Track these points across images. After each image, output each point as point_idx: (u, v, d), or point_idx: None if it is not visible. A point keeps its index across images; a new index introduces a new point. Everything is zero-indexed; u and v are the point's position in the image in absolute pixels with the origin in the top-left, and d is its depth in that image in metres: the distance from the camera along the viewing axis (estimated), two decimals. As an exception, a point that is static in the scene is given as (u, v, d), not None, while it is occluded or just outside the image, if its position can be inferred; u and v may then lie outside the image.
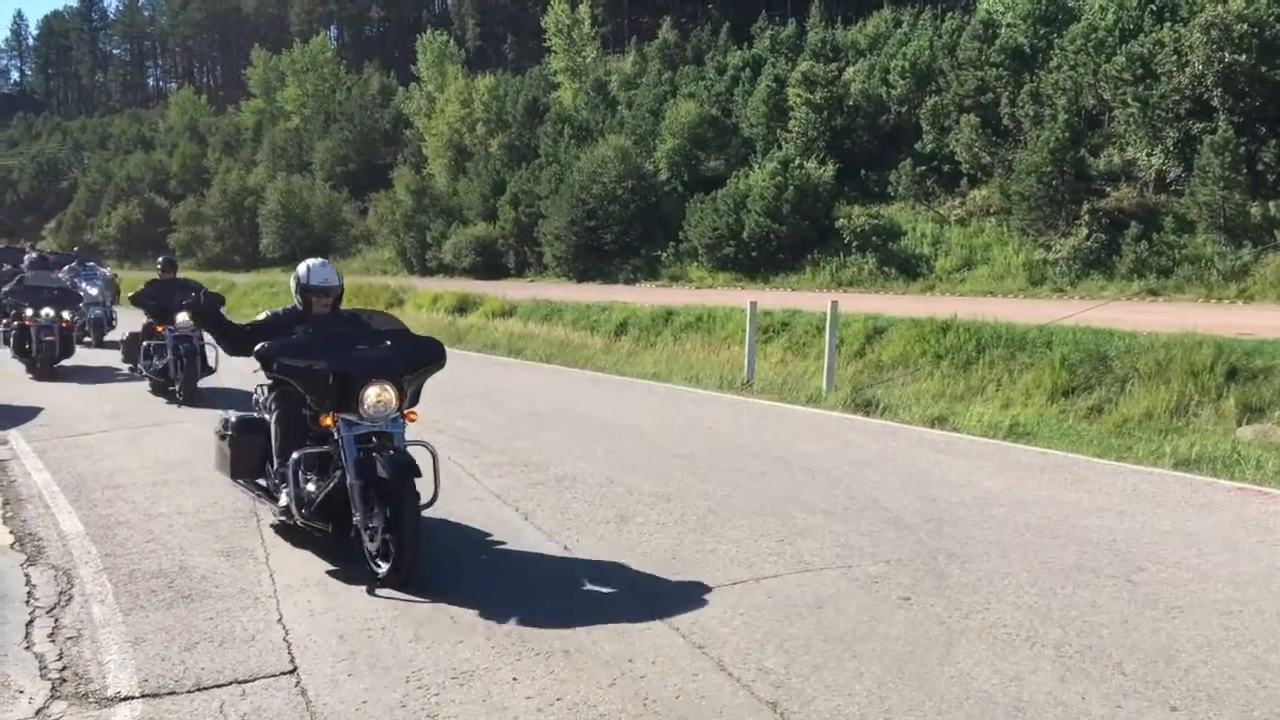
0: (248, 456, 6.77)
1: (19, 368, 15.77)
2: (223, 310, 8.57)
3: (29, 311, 15.31)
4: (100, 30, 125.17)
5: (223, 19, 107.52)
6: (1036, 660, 4.64)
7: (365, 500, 5.67)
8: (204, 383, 12.94)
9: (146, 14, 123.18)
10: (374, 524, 5.62)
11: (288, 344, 6.03)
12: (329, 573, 5.95)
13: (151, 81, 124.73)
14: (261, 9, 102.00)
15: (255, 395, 6.97)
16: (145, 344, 13.35)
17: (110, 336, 20.98)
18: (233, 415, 6.95)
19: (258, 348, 5.95)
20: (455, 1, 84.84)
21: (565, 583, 5.81)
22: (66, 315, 15.77)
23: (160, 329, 12.96)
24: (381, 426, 5.85)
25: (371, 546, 5.67)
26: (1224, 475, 8.46)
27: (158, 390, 13.21)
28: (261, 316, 6.81)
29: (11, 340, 15.90)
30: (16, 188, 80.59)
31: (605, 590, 5.71)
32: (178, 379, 12.53)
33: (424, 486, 5.78)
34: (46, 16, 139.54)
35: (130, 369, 14.21)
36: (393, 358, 6.07)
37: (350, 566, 6.05)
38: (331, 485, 5.83)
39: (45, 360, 15.26)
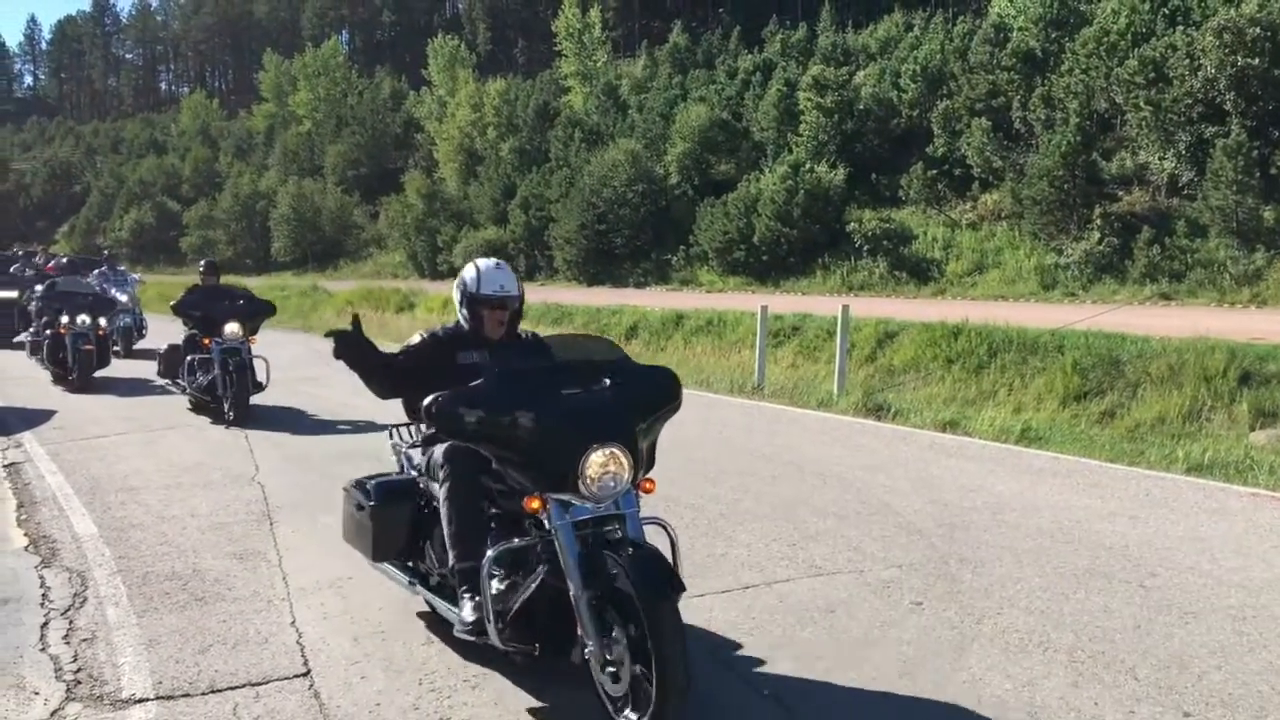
0: (395, 533, 5.02)
1: (41, 373, 15.36)
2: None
3: (64, 319, 14.21)
4: (113, 35, 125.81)
5: (235, 23, 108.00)
6: (1049, 665, 4.63)
7: (598, 620, 3.95)
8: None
9: (159, 18, 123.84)
10: (614, 655, 3.91)
11: (470, 395, 4.12)
12: (342, 576, 5.97)
13: (164, 86, 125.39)
14: (273, 13, 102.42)
15: (396, 444, 5.45)
16: (190, 358, 11.80)
17: (140, 345, 20.25)
18: (370, 481, 5.14)
19: (428, 403, 4.06)
20: (466, 6, 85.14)
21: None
22: (103, 322, 14.79)
23: (206, 341, 11.54)
24: (610, 508, 4.11)
25: (614, 689, 3.96)
26: (1237, 481, 8.43)
27: (200, 408, 11.92)
28: (415, 340, 5.05)
29: (45, 349, 14.83)
30: (29, 191, 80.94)
31: (617, 594, 5.70)
32: (226, 397, 11.23)
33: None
34: (60, 21, 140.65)
35: (169, 384, 12.73)
36: (620, 406, 4.23)
37: (364, 570, 6.06)
38: (531, 589, 4.13)
39: (83, 370, 14.19)
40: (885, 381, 14.00)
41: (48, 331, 14.71)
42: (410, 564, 5.12)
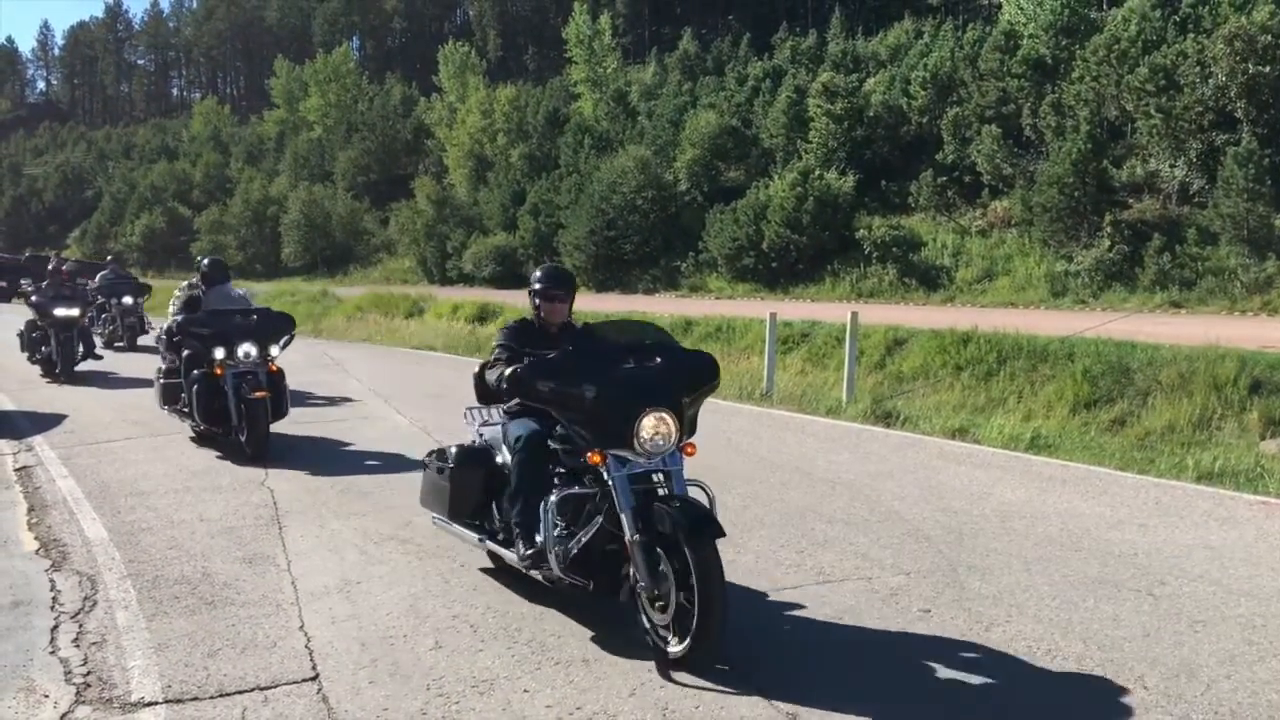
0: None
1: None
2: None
3: (218, 352, 9.70)
4: (125, 41, 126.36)
5: (246, 29, 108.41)
6: (1058, 673, 4.62)
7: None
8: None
9: (171, 25, 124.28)
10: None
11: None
12: (351, 580, 5.98)
13: (175, 91, 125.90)
14: (285, 20, 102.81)
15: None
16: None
17: (145, 341, 20.55)
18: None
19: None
20: (477, 13, 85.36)
21: (584, 593, 5.82)
22: (275, 352, 10.13)
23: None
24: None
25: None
26: (1247, 489, 8.40)
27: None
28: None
29: (194, 399, 9.90)
30: (42, 196, 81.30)
31: (625, 600, 5.71)
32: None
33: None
34: (72, 27, 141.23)
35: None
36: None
37: (372, 575, 6.08)
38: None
39: (255, 432, 9.50)
40: (894, 388, 13.98)
41: (195, 371, 9.91)
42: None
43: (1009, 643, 4.98)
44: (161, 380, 10.64)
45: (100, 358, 16.86)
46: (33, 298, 16.64)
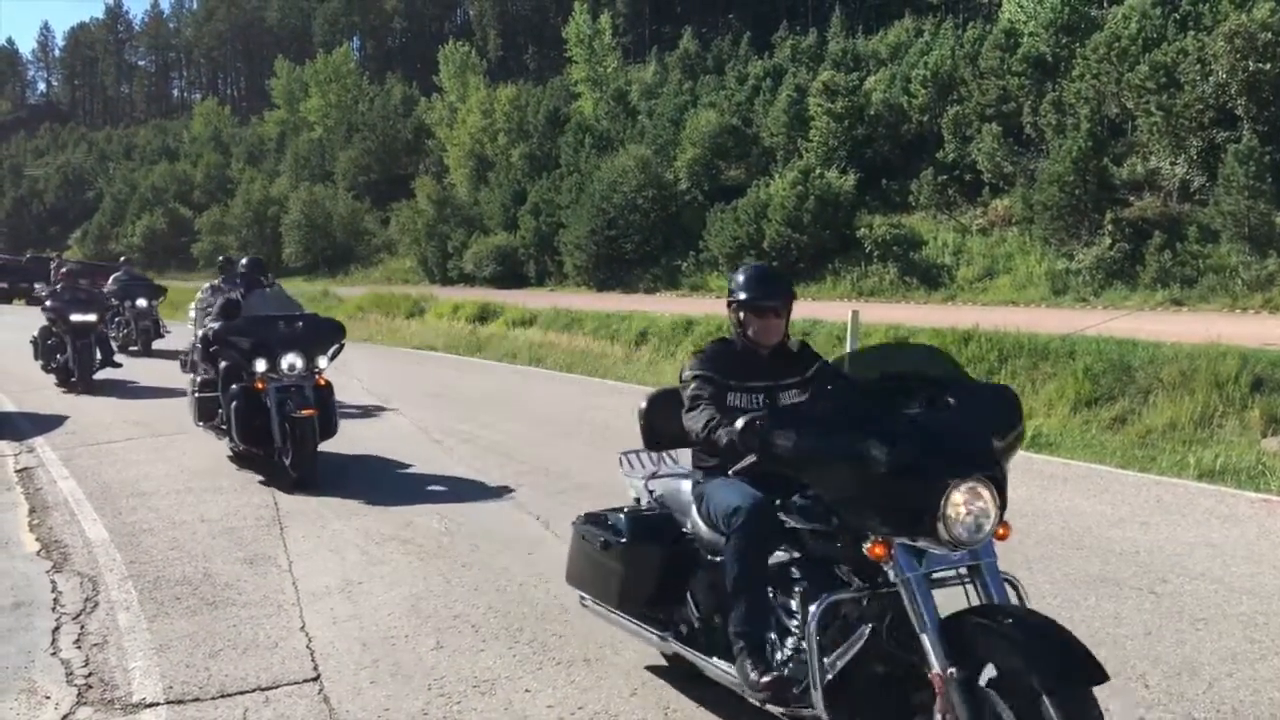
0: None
1: (48, 375, 15.41)
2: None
3: (259, 364, 8.67)
4: (126, 42, 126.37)
5: (246, 30, 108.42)
6: (1059, 672, 4.62)
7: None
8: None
9: (171, 25, 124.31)
10: None
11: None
12: (352, 581, 5.98)
13: (176, 92, 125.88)
14: (285, 20, 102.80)
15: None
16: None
17: (159, 345, 20.23)
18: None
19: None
20: (477, 12, 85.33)
21: None
22: (322, 364, 9.04)
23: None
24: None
25: None
26: (1249, 487, 8.40)
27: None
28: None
29: (232, 415, 8.77)
30: (43, 198, 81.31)
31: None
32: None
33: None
34: (73, 28, 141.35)
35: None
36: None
37: (373, 575, 6.08)
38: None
39: (301, 452, 8.42)
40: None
41: (234, 386, 8.82)
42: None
43: (1010, 641, 4.97)
44: (197, 394, 9.64)
45: (119, 365, 15.88)
46: (47, 302, 15.60)
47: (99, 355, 15.18)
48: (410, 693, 4.46)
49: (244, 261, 10.81)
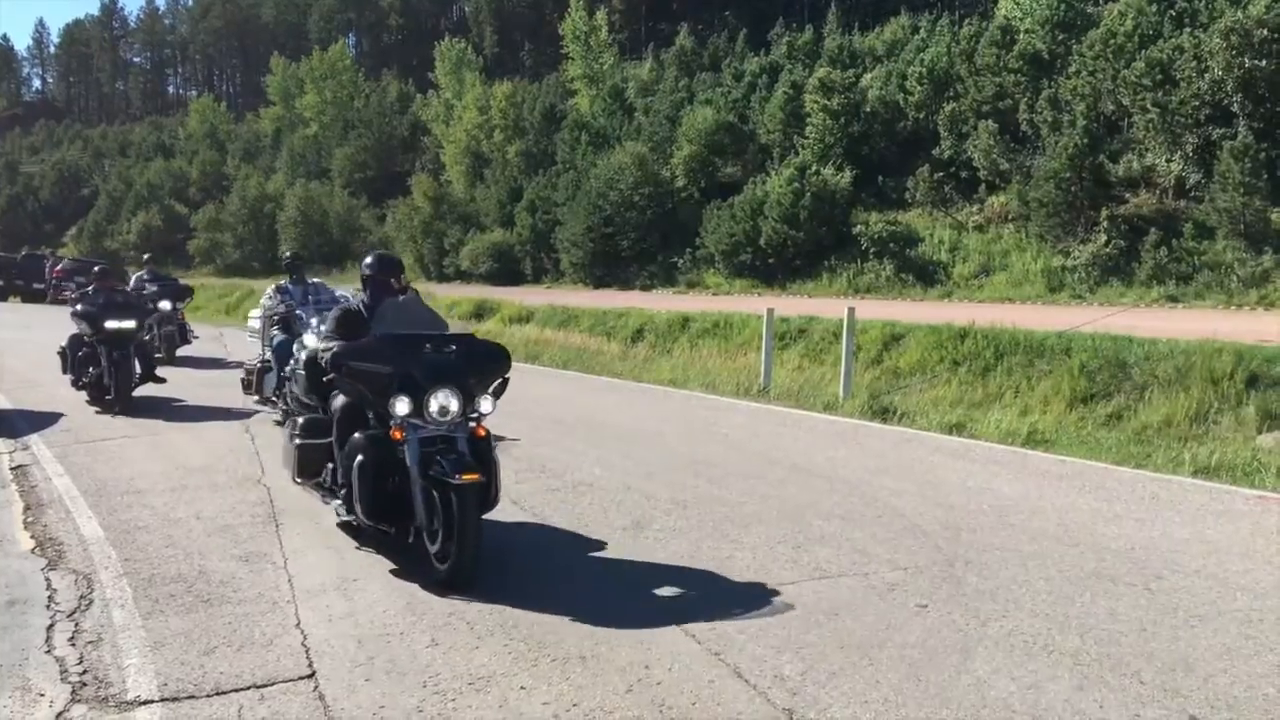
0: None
1: (47, 375, 14.93)
2: None
3: (401, 406, 6.02)
4: (121, 38, 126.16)
5: (242, 27, 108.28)
6: (1054, 668, 4.62)
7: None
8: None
9: (167, 22, 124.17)
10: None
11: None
12: (347, 578, 5.98)
13: (171, 89, 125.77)
14: (281, 17, 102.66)
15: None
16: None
17: (183, 351, 18.43)
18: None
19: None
20: (473, 9, 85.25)
21: (581, 589, 5.82)
22: (485, 408, 6.26)
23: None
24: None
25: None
26: (1244, 483, 8.41)
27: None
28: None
29: (357, 476, 6.11)
30: (38, 195, 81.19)
31: (621, 597, 5.72)
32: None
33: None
34: (68, 25, 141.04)
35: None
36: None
37: (369, 572, 6.07)
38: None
39: (465, 540, 5.70)
40: (891, 384, 13.98)
41: (357, 434, 6.26)
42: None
43: (1005, 637, 4.98)
44: (298, 439, 6.89)
45: (162, 380, 13.43)
46: (78, 306, 13.17)
47: (139, 368, 12.95)
48: (405, 690, 4.45)
49: (369, 260, 7.45)
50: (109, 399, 12.44)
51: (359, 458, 6.04)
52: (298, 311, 11.19)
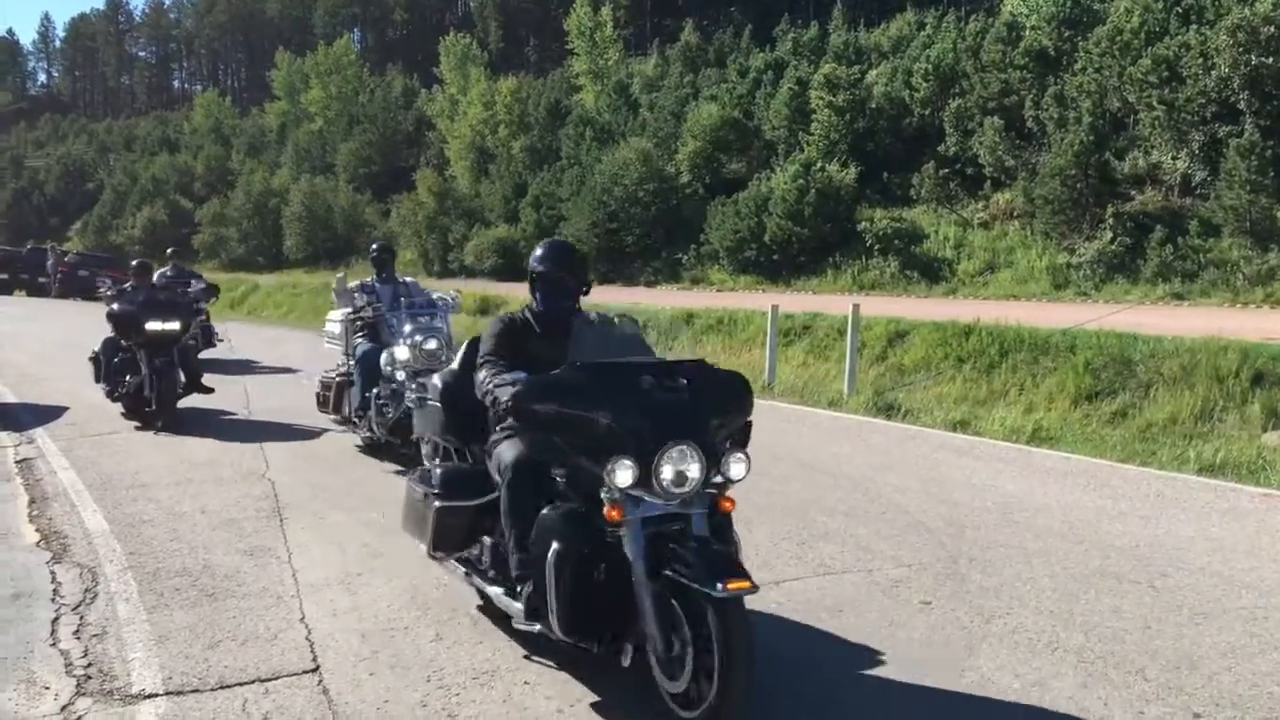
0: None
1: (51, 369, 15.28)
2: None
3: (623, 474, 4.02)
4: (126, 33, 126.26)
5: (247, 21, 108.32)
6: (1058, 666, 4.62)
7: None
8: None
9: (172, 16, 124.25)
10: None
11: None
12: (351, 572, 5.98)
13: (177, 84, 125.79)
14: (286, 12, 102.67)
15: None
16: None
17: (206, 354, 15.98)
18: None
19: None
20: (478, 4, 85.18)
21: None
22: (736, 473, 4.32)
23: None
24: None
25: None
26: (1249, 481, 8.40)
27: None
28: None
29: (552, 578, 4.18)
30: (43, 189, 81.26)
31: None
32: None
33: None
34: (73, 19, 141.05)
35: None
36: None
37: (373, 567, 6.08)
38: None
39: (729, 688, 3.85)
40: (896, 381, 13.97)
41: (549, 509, 4.39)
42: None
43: (1010, 634, 4.98)
44: (438, 500, 5.00)
45: (209, 390, 11.85)
46: (114, 306, 11.45)
47: (182, 377, 11.37)
48: (409, 684, 4.46)
49: (540, 251, 5.30)
50: (149, 411, 10.94)
51: (555, 545, 4.18)
52: (386, 316, 9.42)
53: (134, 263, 12.72)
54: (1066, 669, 4.58)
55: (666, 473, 4.02)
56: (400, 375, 8.90)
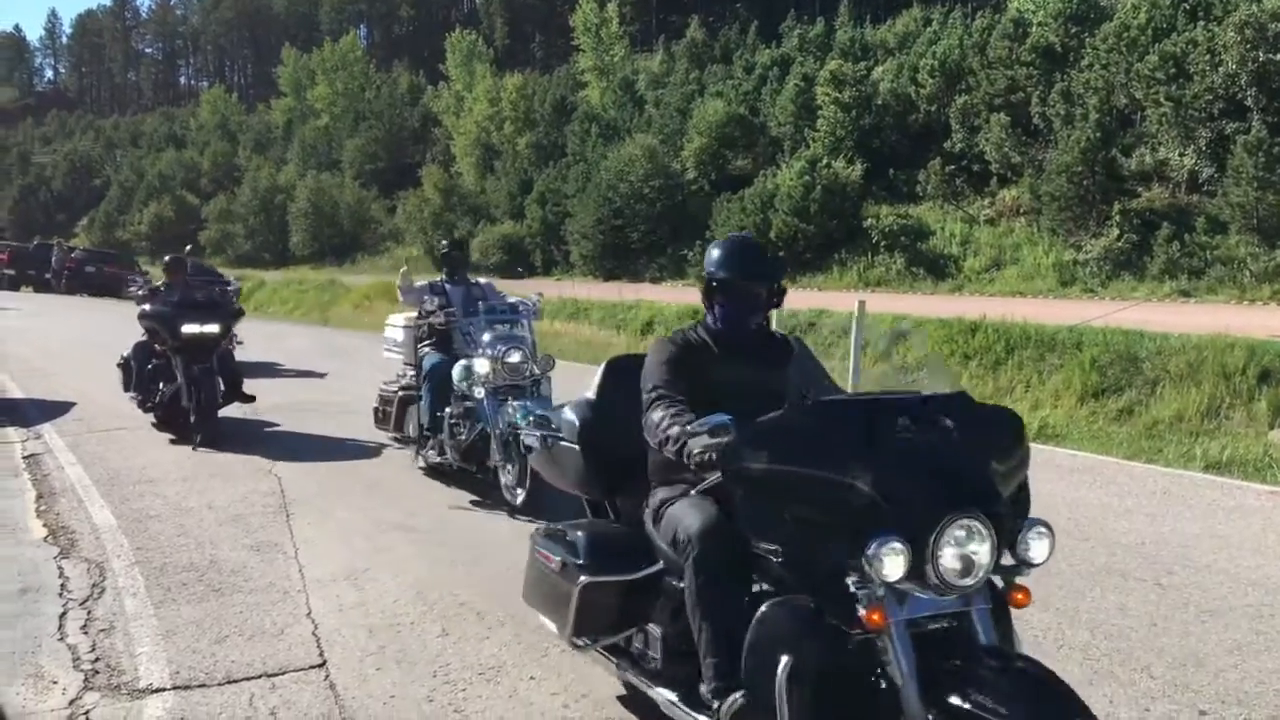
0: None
1: (56, 365, 15.35)
2: None
3: (892, 567, 2.73)
4: (133, 29, 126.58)
5: (253, 18, 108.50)
6: (1064, 662, 4.61)
7: None
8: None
9: (179, 13, 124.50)
10: None
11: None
12: (358, 568, 5.99)
13: (183, 80, 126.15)
14: (292, 8, 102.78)
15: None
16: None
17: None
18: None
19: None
20: (484, 1, 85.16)
21: None
22: (1038, 559, 3.05)
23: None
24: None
25: None
26: (1255, 479, 8.38)
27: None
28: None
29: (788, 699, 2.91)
30: (50, 185, 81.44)
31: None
32: None
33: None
34: (80, 15, 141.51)
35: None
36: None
37: (379, 562, 6.09)
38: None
39: None
40: (901, 378, 13.94)
41: (777, 608, 3.08)
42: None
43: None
44: (584, 574, 3.80)
45: (251, 399, 10.64)
46: (146, 307, 10.29)
47: (222, 386, 10.22)
48: (415, 679, 4.46)
49: (720, 251, 4.06)
50: (187, 423, 9.77)
51: (786, 658, 2.93)
52: (461, 324, 8.09)
53: (167, 258, 11.54)
54: (1072, 666, 4.57)
55: (948, 558, 2.74)
56: (479, 392, 7.50)
